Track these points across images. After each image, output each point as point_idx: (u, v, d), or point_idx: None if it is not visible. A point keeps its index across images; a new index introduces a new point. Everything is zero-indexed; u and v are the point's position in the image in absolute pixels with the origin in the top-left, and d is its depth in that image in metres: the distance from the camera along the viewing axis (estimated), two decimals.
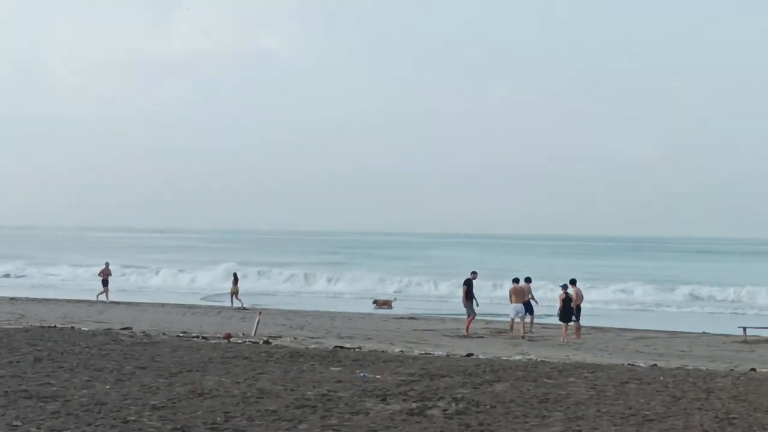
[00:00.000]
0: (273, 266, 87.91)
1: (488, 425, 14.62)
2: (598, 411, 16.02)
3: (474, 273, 37.38)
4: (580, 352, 29.54)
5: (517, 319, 36.33)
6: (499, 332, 36.52)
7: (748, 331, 36.63)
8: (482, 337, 35.03)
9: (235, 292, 49.53)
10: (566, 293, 35.00)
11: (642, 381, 19.86)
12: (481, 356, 26.07)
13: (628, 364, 24.50)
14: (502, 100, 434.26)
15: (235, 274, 51.61)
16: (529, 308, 36.35)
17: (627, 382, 19.59)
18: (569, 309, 34.79)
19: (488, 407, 16.23)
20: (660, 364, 25.22)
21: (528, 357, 26.43)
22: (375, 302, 53.62)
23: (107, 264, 53.05)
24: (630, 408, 16.36)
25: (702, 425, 14.81)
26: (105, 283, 51.03)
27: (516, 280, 37.49)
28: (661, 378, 20.44)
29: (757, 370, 23.98)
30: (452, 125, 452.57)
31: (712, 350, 31.95)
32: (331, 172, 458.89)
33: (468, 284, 36.44)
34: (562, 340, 33.88)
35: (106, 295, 49.88)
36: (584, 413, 15.78)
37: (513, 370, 21.37)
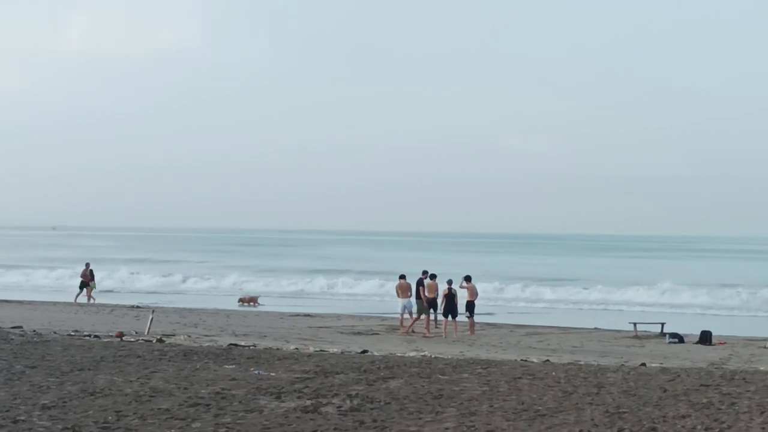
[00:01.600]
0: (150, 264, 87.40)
1: (382, 421, 14.65)
2: (491, 406, 16.14)
3: (425, 272, 37.25)
4: (474, 348, 29.77)
5: (406, 315, 36.60)
6: (394, 329, 36.62)
7: (639, 327, 37.23)
8: (377, 333, 35.10)
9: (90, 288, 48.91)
10: (449, 288, 35.24)
11: (534, 376, 20.07)
12: (375, 353, 26.13)
13: (521, 360, 24.75)
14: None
15: (91, 271, 50.80)
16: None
17: (520, 378, 19.77)
18: (452, 304, 35.02)
19: (382, 404, 16.26)
20: (552, 359, 25.52)
21: (422, 353, 26.55)
22: (240, 300, 52.84)
23: (87, 265, 51.23)
24: (522, 403, 16.52)
25: (593, 420, 15.01)
26: (83, 285, 49.60)
27: (402, 276, 37.80)
28: (554, 373, 20.67)
29: (647, 364, 24.39)
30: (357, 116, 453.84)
31: (604, 345, 32.41)
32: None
33: (420, 284, 36.44)
34: (443, 336, 34.16)
35: (87, 296, 48.54)
36: (477, 409, 15.89)
37: (407, 367, 21.44)
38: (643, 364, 24.33)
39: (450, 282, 35.71)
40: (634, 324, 37.48)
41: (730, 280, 76.43)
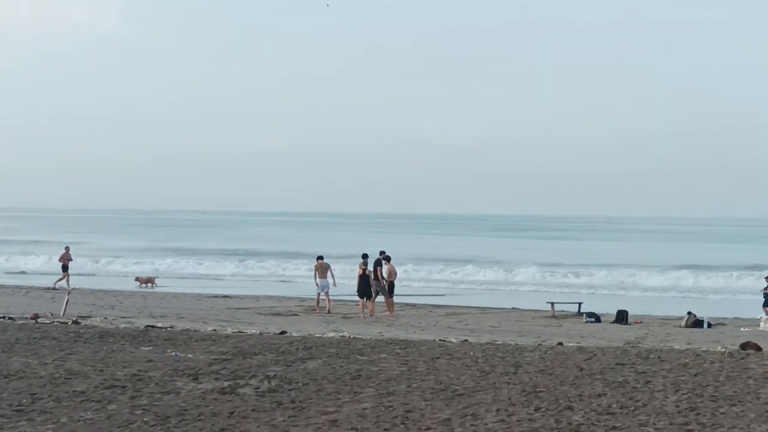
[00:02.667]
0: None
1: (300, 402, 14.60)
2: (409, 386, 16.17)
3: (383, 253, 37.08)
4: (393, 329, 29.82)
5: (323, 295, 36.68)
6: (312, 310, 36.56)
7: (556, 307, 37.56)
8: (296, 314, 35.03)
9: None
10: (364, 269, 35.31)
11: (453, 356, 20.13)
12: (294, 334, 26.06)
13: (440, 340, 24.83)
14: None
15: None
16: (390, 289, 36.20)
17: (438, 358, 19.83)
18: (367, 285, 35.10)
19: (300, 384, 16.22)
20: (471, 339, 25.63)
21: (341, 334, 26.53)
22: (137, 279, 52.20)
23: (67, 249, 50.08)
24: (440, 383, 16.56)
25: (510, 399, 15.09)
26: (65, 268, 48.26)
27: (320, 257, 37.98)
28: (471, 353, 20.75)
29: (564, 344, 24.59)
30: (269, 101, 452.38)
31: (522, 325, 32.64)
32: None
33: (378, 264, 36.32)
34: (360, 315, 34.22)
35: (67, 281, 46.88)
36: (395, 389, 15.91)
37: (326, 348, 21.41)
38: (560, 344, 24.53)
39: (365, 263, 35.79)
40: (552, 304, 37.80)
41: (644, 260, 77.49)
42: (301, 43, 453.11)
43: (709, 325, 32.85)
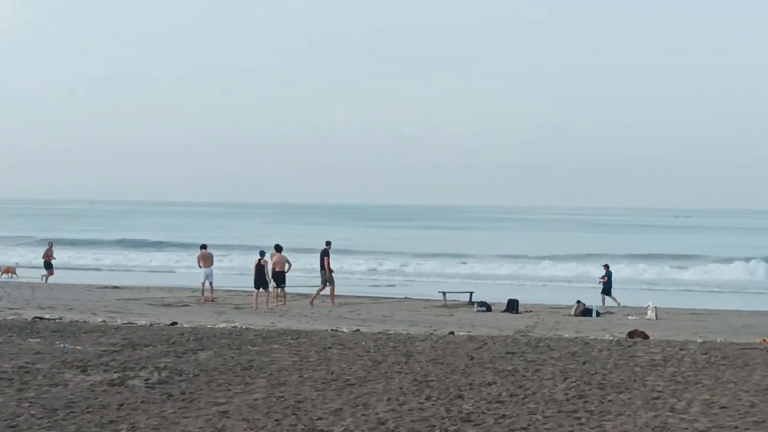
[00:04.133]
0: None
1: (191, 394, 14.50)
2: (301, 377, 16.15)
3: (329, 243, 37.17)
4: (285, 319, 29.75)
5: (207, 284, 36.92)
6: (205, 300, 36.31)
7: (448, 296, 37.81)
8: (187, 305, 34.74)
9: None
10: (260, 260, 35.29)
11: (344, 346, 20.15)
12: (185, 325, 25.84)
13: (332, 330, 24.83)
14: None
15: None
16: (282, 279, 36.00)
17: (330, 348, 19.83)
18: (261, 276, 35.07)
19: (191, 376, 16.11)
20: (363, 329, 25.67)
21: (232, 325, 26.38)
22: None
23: (50, 245, 48.58)
24: (332, 373, 16.57)
25: (401, 388, 15.16)
26: (48, 265, 46.72)
27: (204, 246, 38.48)
28: (363, 343, 20.79)
29: (456, 333, 24.77)
30: (166, 92, 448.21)
31: (413, 315, 32.78)
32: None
33: (325, 254, 36.37)
34: (254, 306, 34.16)
35: (46, 278, 45.63)
36: (287, 379, 15.88)
37: (217, 338, 21.27)
38: (452, 333, 24.70)
39: (262, 253, 35.76)
40: (444, 293, 38.04)
41: (536, 249, 78.43)
42: (203, 34, 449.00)
43: (598, 314, 33.38)
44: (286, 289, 36.16)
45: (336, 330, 25.00)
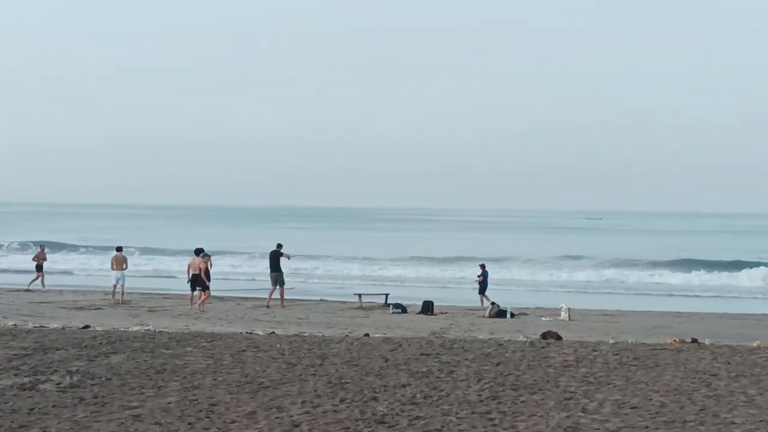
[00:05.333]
0: None
1: (103, 397, 14.36)
2: (215, 380, 16.07)
3: (280, 245, 37.39)
4: (200, 322, 29.55)
5: (118, 287, 36.77)
6: (116, 303, 35.95)
7: (364, 298, 37.86)
8: (100, 308, 34.36)
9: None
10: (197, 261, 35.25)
11: (259, 349, 20.07)
12: (98, 328, 25.52)
13: (246, 333, 24.70)
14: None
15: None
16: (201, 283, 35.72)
17: (244, 350, 19.74)
18: (195, 278, 34.96)
19: (103, 379, 15.95)
20: (278, 331, 25.59)
21: (146, 327, 26.15)
22: None
23: (42, 248, 46.57)
24: (246, 376, 16.51)
25: (315, 390, 15.15)
26: (39, 268, 44.33)
27: (119, 249, 38.39)
28: (278, 345, 20.73)
29: (371, 335, 24.80)
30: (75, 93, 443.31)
31: (329, 317, 32.75)
32: None
33: (279, 255, 36.73)
34: (189, 307, 34.07)
35: (42, 282, 43.59)
36: (201, 382, 15.79)
37: (130, 342, 21.06)
38: (367, 335, 24.72)
39: (198, 253, 35.82)
40: (359, 295, 38.09)
41: (454, 250, 78.83)
42: (113, 32, 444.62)
43: (512, 315, 33.63)
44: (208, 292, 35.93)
45: (251, 332, 24.88)
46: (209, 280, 34.92)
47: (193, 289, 35.21)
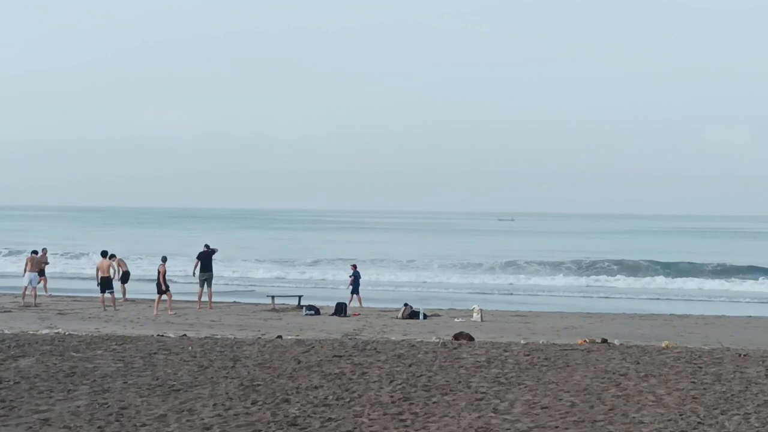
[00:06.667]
0: None
1: (11, 401, 14.17)
2: (125, 383, 15.93)
3: (207, 246, 37.52)
4: (111, 325, 29.23)
5: (29, 289, 36.35)
6: (26, 305, 35.42)
7: (277, 300, 37.73)
8: (9, 311, 33.81)
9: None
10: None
11: (171, 351, 19.94)
12: (6, 331, 25.13)
13: (158, 335, 24.51)
14: None
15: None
16: (108, 284, 35.25)
17: (155, 353, 19.59)
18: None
19: (12, 383, 15.73)
20: (189, 334, 25.42)
21: (56, 331, 25.81)
22: None
23: (45, 251, 42.53)
24: (157, 379, 16.39)
25: (227, 393, 15.10)
26: (41, 272, 40.17)
27: (35, 252, 38.01)
28: (190, 348, 20.60)
29: (284, 337, 24.73)
30: None
31: (242, 319, 32.57)
32: None
33: (207, 256, 36.70)
34: (155, 312, 33.91)
35: (44, 286, 40.32)
36: (111, 386, 15.64)
37: (39, 345, 20.78)
38: (280, 337, 24.65)
39: (164, 259, 35.63)
40: (272, 297, 37.96)
41: (370, 253, 78.88)
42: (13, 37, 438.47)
43: (425, 316, 33.73)
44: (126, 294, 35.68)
45: (162, 335, 24.68)
46: (165, 283, 34.72)
47: (102, 291, 34.83)
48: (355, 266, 41.29)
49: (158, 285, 34.62)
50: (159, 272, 34.81)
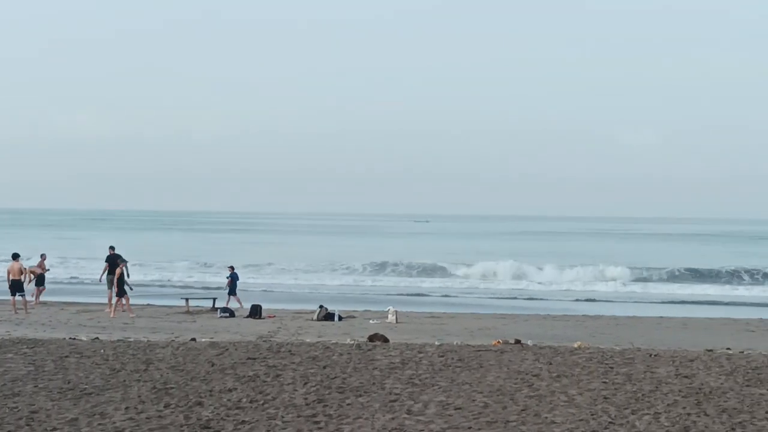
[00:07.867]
0: None
1: None
2: (36, 386, 15.74)
3: (112, 249, 37.35)
4: (22, 327, 28.86)
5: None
6: None
7: (191, 302, 37.52)
8: None
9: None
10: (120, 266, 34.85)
11: (82, 354, 19.73)
12: None
13: (70, 338, 24.22)
14: None
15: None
16: (19, 287, 34.68)
17: (67, 356, 19.37)
18: (121, 282, 34.41)
19: None
20: (102, 337, 25.17)
21: None
22: None
23: (43, 257, 41.24)
24: (69, 382, 16.21)
25: (139, 396, 14.98)
26: (41, 281, 39.55)
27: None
28: (102, 351, 20.40)
29: (197, 339, 24.60)
30: None
31: (156, 322, 32.33)
32: None
33: (116, 260, 36.26)
34: (111, 314, 33.63)
35: (36, 296, 38.80)
36: (21, 389, 15.45)
37: None
38: (193, 339, 24.51)
39: (122, 260, 35.39)
40: (186, 299, 37.75)
41: (284, 255, 78.72)
42: None
43: (340, 318, 33.78)
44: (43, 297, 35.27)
45: (74, 338, 24.40)
46: (122, 285, 34.36)
47: (13, 294, 34.34)
48: (232, 267, 41.30)
49: (15, 286, 34.20)
50: (116, 274, 34.64)
